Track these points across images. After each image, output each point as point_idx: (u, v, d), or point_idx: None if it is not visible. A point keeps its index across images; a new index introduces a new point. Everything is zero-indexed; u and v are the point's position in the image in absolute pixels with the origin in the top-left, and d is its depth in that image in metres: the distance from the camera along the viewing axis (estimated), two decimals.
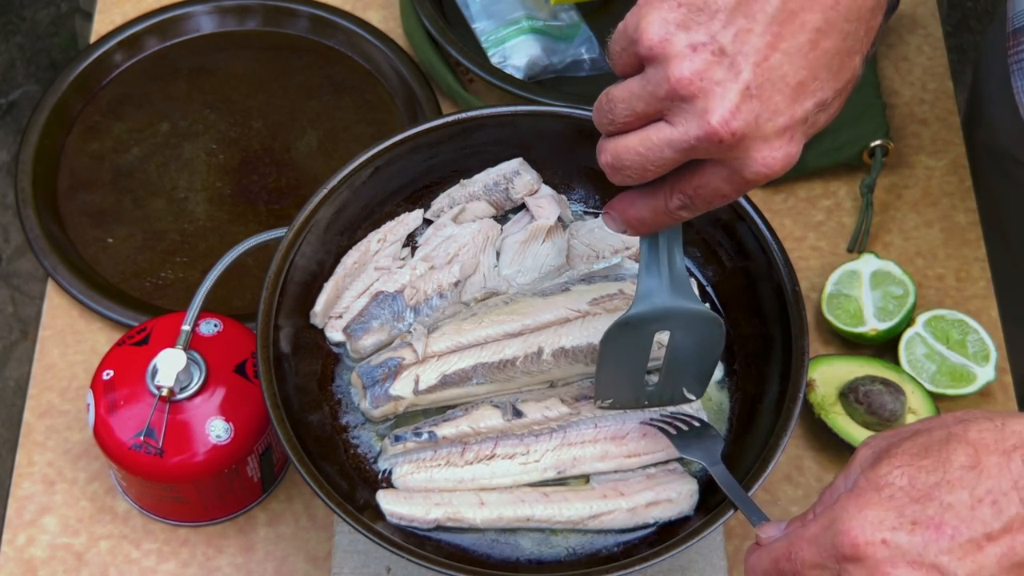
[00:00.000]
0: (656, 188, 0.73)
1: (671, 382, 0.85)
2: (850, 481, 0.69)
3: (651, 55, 0.67)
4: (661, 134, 0.68)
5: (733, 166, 0.69)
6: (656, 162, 0.69)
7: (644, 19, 0.67)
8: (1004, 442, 0.66)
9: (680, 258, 0.78)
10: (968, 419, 0.68)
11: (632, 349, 0.82)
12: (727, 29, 0.66)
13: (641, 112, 0.69)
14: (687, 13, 0.67)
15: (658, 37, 0.67)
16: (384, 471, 0.90)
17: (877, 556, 0.64)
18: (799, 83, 0.67)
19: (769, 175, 0.69)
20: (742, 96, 0.66)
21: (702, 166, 0.70)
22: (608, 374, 0.85)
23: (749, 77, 0.66)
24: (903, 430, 0.70)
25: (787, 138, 0.69)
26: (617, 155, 0.70)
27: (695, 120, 0.67)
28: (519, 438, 0.90)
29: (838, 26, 0.68)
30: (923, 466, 0.66)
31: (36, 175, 1.19)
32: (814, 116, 0.69)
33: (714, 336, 0.82)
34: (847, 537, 0.65)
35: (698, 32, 0.66)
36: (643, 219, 0.75)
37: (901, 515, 0.65)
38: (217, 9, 1.30)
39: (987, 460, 0.65)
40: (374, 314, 0.94)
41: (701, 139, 0.67)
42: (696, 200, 0.72)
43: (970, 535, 0.64)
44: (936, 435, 0.67)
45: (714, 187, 0.71)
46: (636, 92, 0.69)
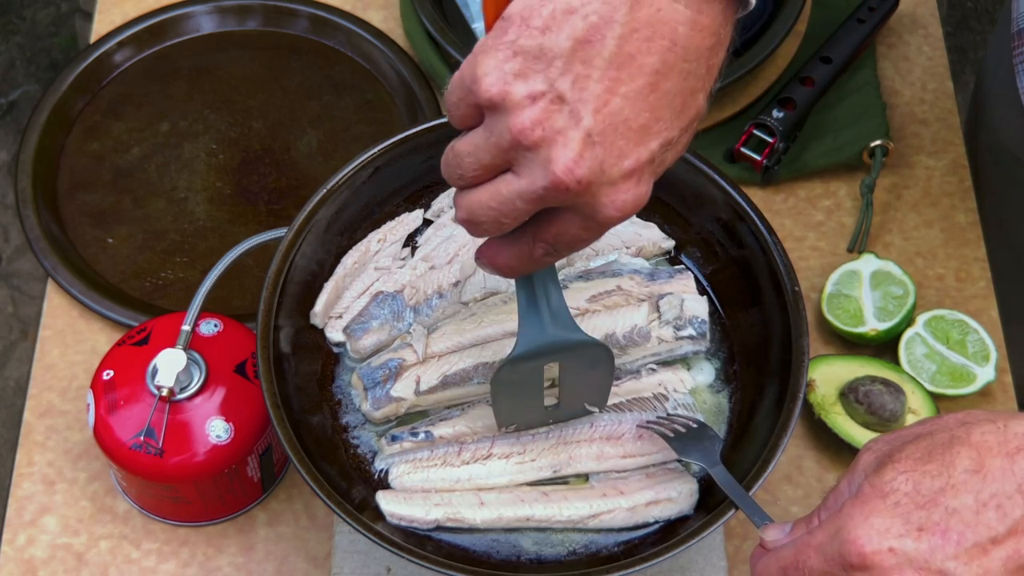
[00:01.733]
0: (520, 236, 0.72)
1: (571, 401, 0.88)
2: (854, 486, 0.69)
3: (491, 105, 0.66)
4: (511, 187, 0.68)
5: (585, 212, 0.69)
6: (509, 215, 0.69)
7: (480, 68, 0.66)
8: (1007, 444, 0.66)
9: (557, 292, 0.79)
10: (970, 421, 0.68)
11: (524, 383, 0.84)
12: (565, 76, 0.65)
13: (488, 164, 0.68)
14: (524, 61, 0.65)
15: (496, 88, 0.66)
16: (381, 471, 0.90)
17: (884, 564, 0.64)
18: (642, 126, 0.67)
19: (622, 217, 0.69)
20: (584, 143, 0.65)
21: (558, 213, 0.70)
22: (506, 407, 0.87)
23: (590, 123, 0.65)
24: (905, 433, 0.70)
25: (635, 180, 0.68)
26: (470, 211, 0.70)
27: (540, 170, 0.66)
28: (515, 437, 0.90)
29: (677, 67, 0.67)
30: (927, 471, 0.66)
31: (36, 175, 1.19)
32: (661, 156, 0.69)
33: (601, 359, 0.84)
34: (854, 546, 0.65)
35: (536, 80, 0.65)
36: (511, 266, 0.74)
37: (907, 522, 0.65)
38: (217, 9, 1.30)
39: (991, 463, 0.65)
40: (374, 314, 0.94)
41: (548, 189, 0.66)
42: (559, 246, 0.71)
43: (975, 540, 0.64)
44: (939, 438, 0.67)
45: (572, 233, 0.70)
46: (480, 144, 0.68)
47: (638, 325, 0.92)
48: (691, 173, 0.96)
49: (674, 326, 0.92)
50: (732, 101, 1.21)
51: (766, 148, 1.16)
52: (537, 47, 0.65)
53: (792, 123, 1.17)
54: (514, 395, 0.85)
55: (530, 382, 0.84)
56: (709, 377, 0.94)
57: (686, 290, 0.94)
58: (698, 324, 0.93)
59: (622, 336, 0.92)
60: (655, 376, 0.92)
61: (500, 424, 0.89)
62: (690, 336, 0.92)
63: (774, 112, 1.17)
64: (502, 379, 0.83)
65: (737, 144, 1.17)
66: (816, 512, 0.71)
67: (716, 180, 0.95)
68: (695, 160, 0.96)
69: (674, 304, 0.93)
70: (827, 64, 1.21)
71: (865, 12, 1.23)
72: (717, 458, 0.84)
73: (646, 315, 0.93)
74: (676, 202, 0.98)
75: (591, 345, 0.82)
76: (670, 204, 0.99)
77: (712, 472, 0.83)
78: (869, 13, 1.23)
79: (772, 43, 1.19)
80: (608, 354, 0.84)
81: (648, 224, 0.99)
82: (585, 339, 0.81)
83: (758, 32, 1.22)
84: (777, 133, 1.16)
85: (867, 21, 1.23)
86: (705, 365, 0.94)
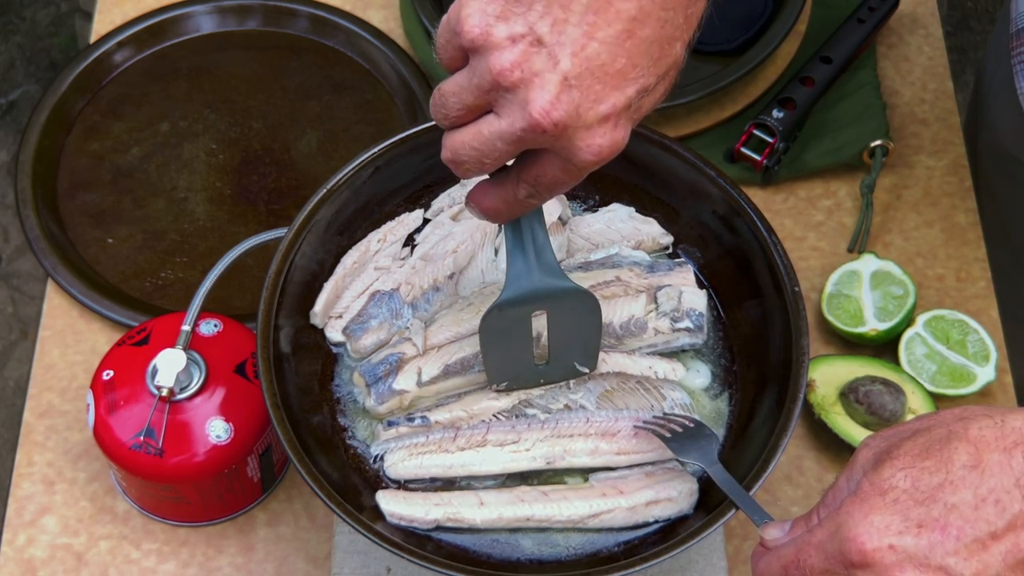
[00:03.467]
0: (504, 178, 0.75)
1: (561, 358, 0.88)
2: (853, 483, 0.69)
3: (473, 46, 0.68)
4: (491, 127, 0.70)
5: (563, 155, 0.71)
6: (490, 155, 0.71)
7: (464, 10, 0.68)
8: (1004, 439, 0.66)
9: (545, 240, 0.80)
10: (968, 416, 0.68)
11: (512, 332, 0.85)
12: (544, 19, 0.67)
13: (471, 104, 0.70)
14: (505, 4, 0.68)
15: (478, 28, 0.68)
16: (376, 456, 0.90)
17: (885, 561, 0.65)
18: (618, 71, 0.68)
19: (598, 161, 0.71)
20: (561, 86, 0.67)
21: (539, 155, 0.72)
22: (495, 359, 0.87)
23: (568, 67, 0.67)
24: (903, 429, 0.70)
25: (611, 124, 0.70)
26: (455, 151, 0.72)
27: (519, 111, 0.68)
28: (511, 425, 0.90)
29: (654, 14, 0.69)
30: (925, 467, 0.66)
31: (36, 175, 1.19)
32: (637, 102, 0.71)
33: (589, 309, 0.85)
34: (854, 544, 0.65)
35: (516, 23, 0.67)
36: (497, 208, 0.76)
37: (906, 518, 0.65)
38: (217, 9, 1.30)
39: (988, 458, 0.65)
40: (372, 313, 0.94)
41: (526, 130, 0.68)
42: (540, 188, 0.73)
43: (975, 535, 0.64)
44: (936, 434, 0.67)
45: (552, 175, 0.72)
46: (464, 85, 0.70)
47: (635, 316, 0.92)
48: (691, 172, 0.96)
49: (671, 318, 0.92)
50: (732, 101, 1.21)
51: (766, 148, 1.16)
52: None
53: (792, 123, 1.17)
54: (503, 346, 0.86)
55: (518, 332, 0.85)
56: (705, 379, 0.94)
57: (685, 283, 0.94)
58: (695, 316, 0.93)
59: (619, 326, 0.92)
60: (646, 359, 0.92)
61: (491, 381, 0.89)
62: (687, 328, 0.92)
63: (774, 112, 1.17)
64: (490, 326, 0.83)
65: (737, 144, 1.17)
66: (815, 510, 0.71)
67: (713, 177, 0.95)
68: (694, 159, 0.96)
69: (672, 296, 0.93)
70: (827, 64, 1.21)
71: (865, 12, 1.23)
72: (715, 457, 0.84)
73: (643, 306, 0.93)
74: (674, 199, 0.98)
75: (578, 293, 0.83)
76: (668, 202, 0.99)
77: (711, 471, 0.83)
78: (869, 13, 1.23)
79: (772, 43, 1.19)
80: (595, 303, 0.84)
81: (648, 220, 0.99)
82: (572, 286, 0.82)
83: (758, 32, 1.22)
84: (777, 133, 1.16)
85: (867, 21, 1.23)
86: (701, 367, 0.94)
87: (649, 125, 0.99)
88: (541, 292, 0.81)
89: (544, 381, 0.90)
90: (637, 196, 1.00)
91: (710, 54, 1.23)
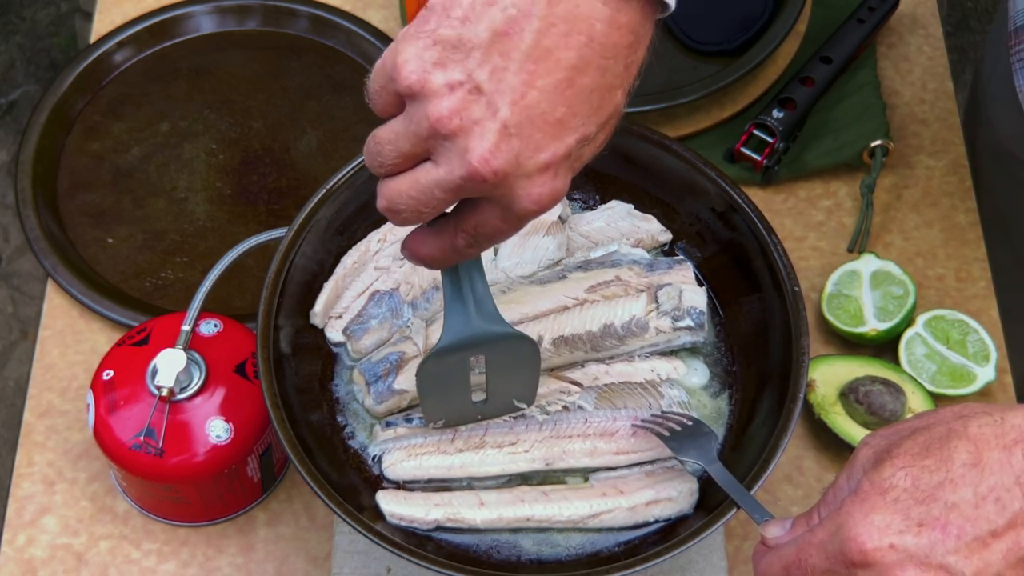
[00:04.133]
0: (443, 226, 0.73)
1: (499, 396, 0.88)
2: (853, 481, 0.69)
3: (410, 93, 0.67)
4: (429, 176, 0.68)
5: (503, 204, 0.69)
6: (428, 204, 0.69)
7: (400, 56, 0.67)
8: (1004, 437, 0.66)
9: (483, 285, 0.80)
10: (967, 414, 0.68)
11: (451, 376, 0.84)
12: (483, 67, 0.66)
13: (408, 152, 0.69)
14: (443, 51, 0.66)
15: (415, 76, 0.66)
16: (375, 456, 0.90)
17: (886, 561, 0.65)
18: (558, 120, 0.67)
19: (538, 210, 0.70)
20: (500, 135, 0.66)
21: (478, 204, 0.71)
22: (433, 402, 0.87)
23: (507, 115, 0.66)
24: (902, 427, 0.70)
25: (551, 174, 0.69)
26: (391, 200, 0.70)
27: (457, 160, 0.67)
28: (509, 427, 0.90)
29: (594, 63, 0.67)
30: (926, 466, 0.66)
31: (36, 175, 1.19)
32: (578, 151, 0.69)
33: (527, 353, 0.85)
34: (855, 543, 0.65)
35: (454, 70, 0.66)
36: (434, 256, 0.75)
37: (907, 518, 0.65)
38: (217, 9, 1.30)
39: (988, 456, 0.66)
40: (372, 313, 0.94)
41: (465, 179, 0.67)
42: (479, 237, 0.72)
43: (975, 533, 0.64)
44: (936, 432, 0.67)
45: (492, 225, 0.71)
46: (400, 132, 0.68)
47: (636, 316, 0.92)
48: (689, 170, 0.96)
49: (672, 316, 0.92)
50: (732, 101, 1.21)
51: (766, 148, 1.16)
52: (456, 37, 0.66)
53: (792, 123, 1.17)
54: (441, 389, 0.86)
55: (456, 376, 0.85)
56: (704, 378, 0.94)
57: (685, 281, 0.94)
58: (696, 315, 0.93)
59: (620, 327, 0.92)
60: (647, 362, 0.92)
61: (428, 419, 0.89)
62: (688, 327, 0.92)
63: (774, 112, 1.17)
64: (427, 372, 0.83)
65: (737, 144, 1.17)
66: (816, 508, 0.71)
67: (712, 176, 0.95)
68: (693, 158, 0.96)
69: (672, 295, 0.93)
70: (827, 64, 1.21)
71: (865, 12, 1.23)
72: (715, 455, 0.84)
73: (644, 306, 0.93)
74: (672, 197, 0.99)
75: (516, 338, 0.83)
76: (667, 201, 0.99)
77: (710, 470, 0.83)
78: (869, 13, 1.23)
79: (772, 43, 1.19)
80: (533, 348, 0.84)
81: (647, 217, 0.99)
82: (510, 332, 0.82)
83: (758, 32, 1.22)
84: (777, 133, 1.16)
85: (867, 21, 1.23)
86: (699, 365, 0.94)
87: (649, 125, 0.99)
88: (479, 338, 0.81)
89: (481, 417, 0.90)
90: (636, 195, 1.00)
91: (710, 54, 1.23)
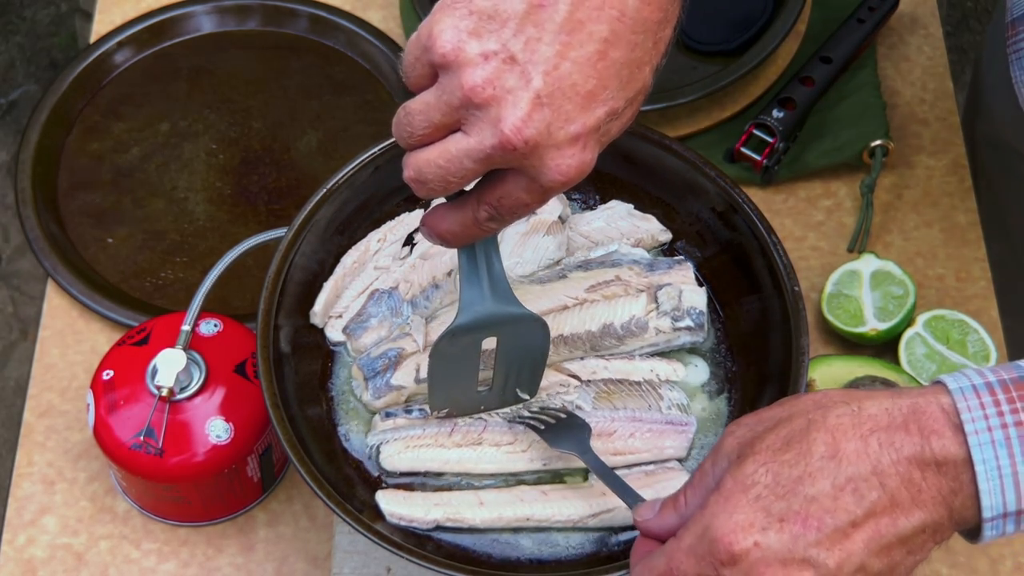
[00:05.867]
0: (464, 201, 0.74)
1: (504, 385, 0.88)
2: (719, 469, 0.69)
3: (444, 62, 0.68)
4: (459, 145, 0.69)
5: (530, 174, 0.70)
6: (457, 174, 0.70)
7: (436, 26, 0.68)
8: (861, 427, 0.66)
9: (499, 265, 0.80)
10: (826, 404, 0.68)
11: (461, 359, 0.85)
12: (517, 37, 0.67)
13: (439, 123, 0.69)
14: (478, 21, 0.67)
15: (451, 45, 0.67)
16: (372, 446, 0.90)
17: (751, 558, 0.65)
18: (589, 92, 0.68)
19: (565, 183, 0.70)
20: (533, 104, 0.67)
21: (503, 176, 0.71)
22: (441, 386, 0.87)
23: (540, 85, 0.67)
24: (766, 417, 0.70)
25: (580, 146, 0.69)
26: (419, 169, 0.71)
27: (489, 129, 0.68)
28: (508, 426, 0.90)
29: (625, 37, 0.69)
30: (785, 460, 0.67)
31: (36, 175, 1.19)
32: (606, 125, 0.70)
33: (539, 336, 0.85)
34: (721, 544, 0.66)
35: (489, 40, 0.67)
36: (455, 232, 0.75)
37: (768, 514, 0.66)
38: (217, 9, 1.30)
39: (846, 447, 0.66)
40: (372, 312, 0.94)
41: (496, 148, 0.68)
42: (502, 210, 0.73)
43: (835, 525, 0.65)
44: (797, 424, 0.68)
45: (516, 197, 0.71)
46: (432, 103, 0.69)
47: (636, 316, 0.92)
48: (688, 170, 0.96)
49: (672, 317, 0.92)
50: (732, 101, 1.21)
51: (766, 148, 1.16)
52: (492, 7, 0.67)
53: (792, 123, 1.17)
54: (450, 373, 0.86)
55: (467, 359, 0.85)
56: (703, 375, 0.94)
57: (685, 281, 0.94)
58: (696, 315, 0.93)
59: (620, 327, 0.92)
60: (647, 362, 0.92)
61: (433, 407, 0.89)
62: (688, 327, 0.92)
63: (774, 112, 1.17)
64: (441, 352, 0.83)
65: (737, 144, 1.17)
66: (683, 491, 0.71)
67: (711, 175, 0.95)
68: (693, 157, 0.96)
69: (672, 295, 0.93)
70: (827, 64, 1.21)
71: (865, 12, 1.23)
72: (588, 446, 0.85)
73: (644, 306, 0.93)
74: (672, 197, 0.99)
75: (530, 319, 0.83)
76: (667, 200, 0.99)
77: (583, 459, 0.84)
78: (869, 13, 1.23)
79: (772, 43, 1.19)
80: (545, 329, 0.85)
81: (647, 216, 0.99)
82: (525, 312, 0.82)
83: (758, 32, 1.22)
84: (777, 133, 1.16)
85: (867, 21, 1.23)
86: (699, 362, 0.94)
87: (649, 125, 0.99)
88: (495, 318, 0.81)
89: (484, 408, 0.90)
90: (636, 195, 1.00)
91: (710, 54, 1.23)
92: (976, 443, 0.65)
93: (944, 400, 0.67)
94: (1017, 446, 0.65)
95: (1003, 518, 0.66)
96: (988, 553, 1.02)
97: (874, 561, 0.65)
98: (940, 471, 0.66)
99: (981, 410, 0.65)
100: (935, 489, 0.66)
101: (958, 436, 0.65)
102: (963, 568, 1.01)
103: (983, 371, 0.67)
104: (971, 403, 0.66)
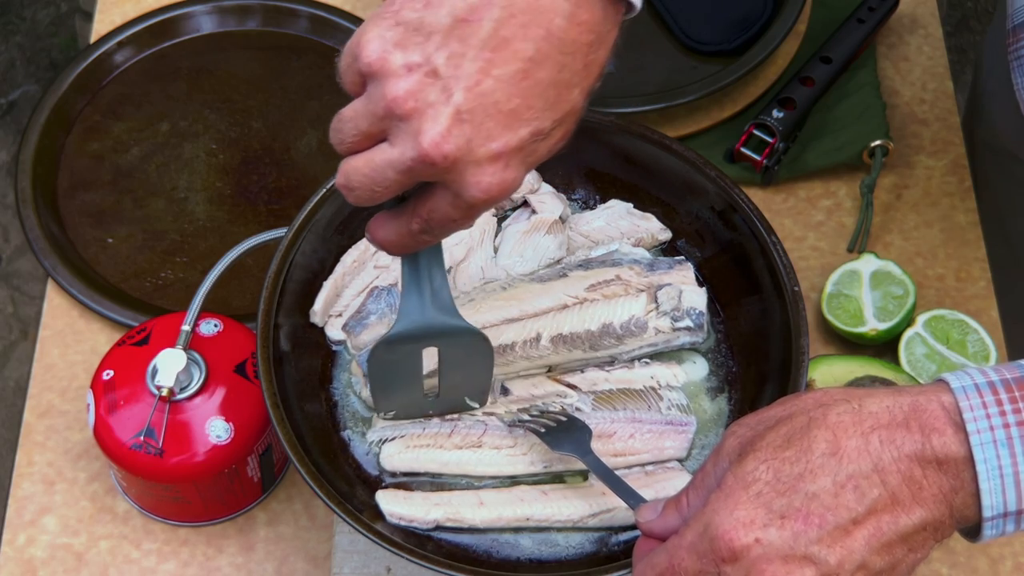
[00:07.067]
0: (401, 211, 0.74)
1: (451, 392, 0.88)
2: (720, 469, 0.69)
3: (370, 72, 0.68)
4: (383, 155, 0.69)
5: (453, 189, 0.70)
6: (381, 183, 0.70)
7: (364, 36, 0.68)
8: (862, 424, 0.67)
9: (441, 276, 0.80)
10: (827, 402, 0.69)
11: (401, 366, 0.84)
12: (441, 51, 0.67)
13: (366, 131, 0.69)
14: (404, 32, 0.67)
15: (376, 55, 0.67)
16: (373, 442, 0.90)
17: (752, 555, 0.65)
18: (512, 111, 0.68)
19: (487, 200, 0.70)
20: (453, 120, 0.67)
21: (432, 190, 0.71)
22: (383, 390, 0.87)
23: (460, 100, 0.67)
24: (767, 416, 0.70)
25: (502, 164, 0.69)
26: (347, 176, 0.71)
27: (410, 141, 0.68)
28: (508, 429, 0.90)
29: (552, 58, 0.68)
30: (787, 458, 0.67)
31: (36, 175, 1.19)
32: (531, 145, 0.70)
33: (480, 349, 0.84)
34: (723, 541, 0.66)
35: (413, 52, 0.67)
36: (391, 241, 0.75)
37: (769, 511, 0.66)
38: (217, 9, 1.30)
39: (847, 444, 0.66)
40: (371, 309, 0.94)
41: (416, 160, 0.68)
42: (432, 224, 0.72)
43: (836, 522, 0.65)
44: (798, 422, 0.68)
45: (443, 211, 0.71)
46: (360, 111, 0.69)
47: (636, 315, 0.92)
48: (688, 170, 0.96)
49: (672, 317, 0.92)
50: (732, 101, 1.21)
51: (766, 148, 1.16)
52: (418, 20, 0.67)
53: (792, 123, 1.17)
54: (392, 379, 0.86)
55: (408, 366, 0.85)
56: (703, 372, 0.94)
57: (685, 281, 0.94)
58: (696, 315, 0.93)
59: (619, 326, 0.92)
60: (648, 368, 0.92)
61: (378, 409, 0.89)
62: (687, 327, 0.92)
63: (774, 112, 1.17)
64: (378, 359, 0.83)
65: (737, 144, 1.17)
66: (685, 492, 0.71)
67: (711, 175, 0.95)
68: (693, 157, 0.96)
69: (672, 295, 0.93)
70: (827, 64, 1.21)
71: (865, 12, 1.23)
72: (589, 448, 0.85)
73: (644, 306, 0.93)
74: (672, 197, 0.99)
75: (470, 333, 0.83)
76: (666, 200, 0.99)
77: (584, 461, 0.84)
78: (869, 13, 1.23)
79: (772, 43, 1.19)
80: (487, 345, 0.84)
81: (647, 216, 0.99)
82: (464, 326, 0.82)
83: (758, 32, 1.22)
84: (777, 133, 1.16)
85: (867, 21, 1.23)
86: (699, 359, 0.94)
87: (649, 125, 0.99)
88: (433, 329, 0.81)
89: (432, 413, 0.90)
90: (636, 195, 1.00)
91: (710, 54, 1.23)
92: (978, 442, 0.65)
93: (945, 398, 0.67)
94: (1018, 446, 0.65)
95: (1003, 518, 0.66)
96: (988, 553, 1.02)
97: (875, 558, 0.66)
98: (941, 469, 0.66)
99: (983, 409, 0.66)
100: (936, 487, 0.66)
101: (959, 434, 0.66)
102: (963, 568, 1.01)
103: (985, 370, 0.67)
104: (973, 402, 0.66)
